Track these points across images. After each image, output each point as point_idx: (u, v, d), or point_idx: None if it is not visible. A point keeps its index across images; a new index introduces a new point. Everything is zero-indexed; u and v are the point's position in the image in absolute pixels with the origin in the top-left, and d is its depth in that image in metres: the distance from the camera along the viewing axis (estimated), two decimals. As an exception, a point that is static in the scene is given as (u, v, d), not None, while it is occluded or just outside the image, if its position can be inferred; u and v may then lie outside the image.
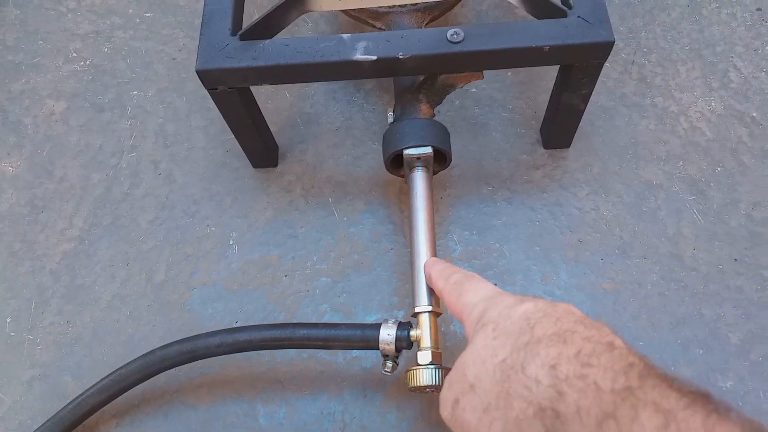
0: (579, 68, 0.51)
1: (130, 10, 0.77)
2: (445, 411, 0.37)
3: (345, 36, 0.49)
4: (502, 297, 0.37)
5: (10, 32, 0.76)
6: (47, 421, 0.52)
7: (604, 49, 0.48)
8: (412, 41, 0.48)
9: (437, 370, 0.45)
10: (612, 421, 0.26)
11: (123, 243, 0.62)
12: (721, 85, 0.67)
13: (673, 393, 0.25)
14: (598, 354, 0.29)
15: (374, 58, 0.48)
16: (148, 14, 0.76)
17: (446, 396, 0.37)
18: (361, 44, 0.49)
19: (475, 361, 0.34)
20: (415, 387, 0.46)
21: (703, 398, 0.25)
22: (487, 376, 0.33)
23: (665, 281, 0.57)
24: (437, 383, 0.45)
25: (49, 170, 0.67)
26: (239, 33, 0.51)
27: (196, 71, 0.50)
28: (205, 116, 0.69)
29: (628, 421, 0.25)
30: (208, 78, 0.50)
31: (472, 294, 0.40)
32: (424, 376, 0.45)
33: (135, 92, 0.71)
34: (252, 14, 0.53)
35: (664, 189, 0.61)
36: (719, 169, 0.62)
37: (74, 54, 0.74)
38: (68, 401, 0.52)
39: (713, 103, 0.66)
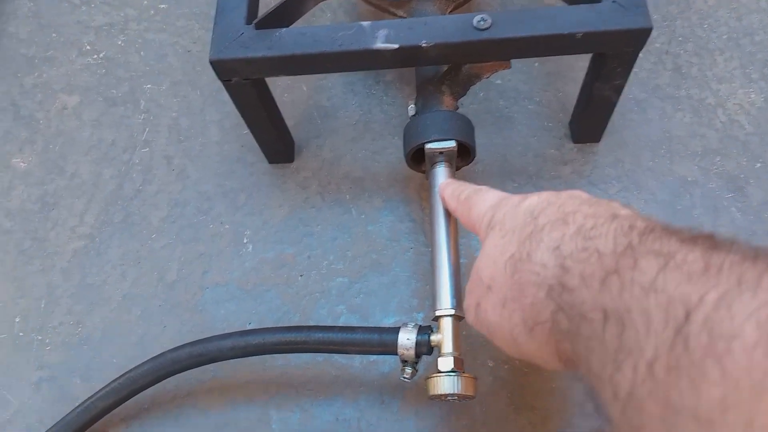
0: (613, 57, 0.48)
1: (145, 2, 0.75)
2: (470, 317, 0.38)
3: (365, 24, 0.47)
4: (509, 199, 0.38)
5: (24, 25, 0.75)
6: (55, 424, 0.50)
7: (641, 36, 0.45)
8: (435, 28, 0.46)
9: (459, 378, 0.43)
10: (614, 276, 0.26)
11: (134, 241, 0.61)
12: (761, 76, 0.63)
13: (673, 238, 0.25)
14: (599, 226, 0.29)
15: (396, 46, 0.46)
16: (162, 5, 0.74)
17: (468, 303, 0.38)
18: (382, 32, 0.46)
19: (488, 264, 0.35)
20: (435, 395, 0.43)
21: (704, 237, 0.25)
22: (499, 273, 0.34)
23: (703, 284, 0.54)
24: (459, 392, 0.43)
25: (61, 166, 0.65)
26: (254, 22, 0.48)
27: (210, 61, 0.47)
28: (219, 110, 0.67)
29: (628, 271, 0.25)
30: (222, 68, 0.48)
31: (480, 204, 0.40)
32: (446, 384, 0.42)
33: (149, 86, 0.69)
34: (269, 3, 0.50)
35: (700, 186, 0.58)
36: (759, 164, 0.59)
37: (88, 47, 0.73)
38: (77, 404, 0.50)
39: (753, 95, 0.62)
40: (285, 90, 0.67)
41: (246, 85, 0.50)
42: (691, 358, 0.21)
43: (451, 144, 0.49)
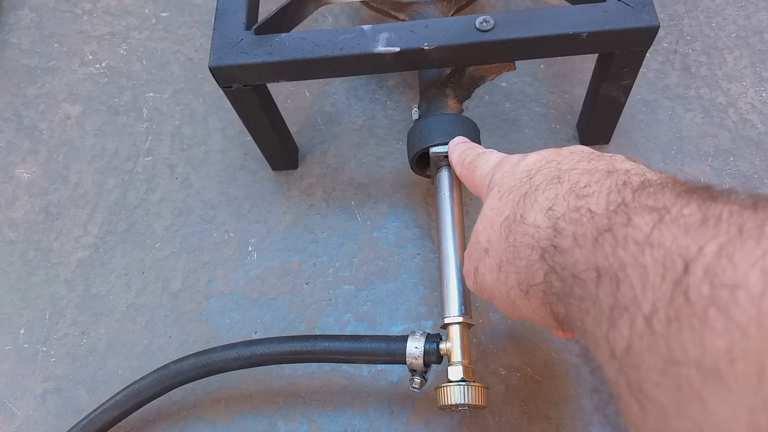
0: (620, 57, 0.47)
1: (146, 11, 0.75)
2: (469, 282, 0.39)
3: (366, 27, 0.46)
4: (509, 158, 0.37)
5: (26, 36, 0.75)
6: (59, 438, 0.50)
7: (648, 34, 0.44)
8: (437, 30, 0.45)
9: (469, 387, 0.42)
10: (607, 234, 0.25)
11: (138, 251, 0.60)
12: (773, 74, 0.62)
13: (669, 192, 0.24)
14: (593, 183, 0.28)
15: (397, 49, 0.45)
16: (164, 14, 0.74)
17: (468, 269, 0.38)
18: (383, 35, 0.46)
19: (485, 226, 0.35)
20: (445, 405, 0.42)
21: (701, 189, 0.24)
22: (495, 236, 0.33)
23: (717, 287, 0.52)
24: (469, 401, 0.41)
25: (64, 176, 0.65)
26: (254, 27, 0.48)
27: (209, 68, 0.47)
28: (222, 117, 0.66)
29: (622, 228, 0.24)
30: (222, 75, 0.48)
31: (483, 166, 0.40)
32: (455, 394, 0.41)
33: (151, 94, 0.69)
34: (270, 8, 0.50)
35: (713, 187, 0.57)
36: (773, 164, 0.57)
37: (90, 56, 0.72)
38: (82, 416, 0.49)
39: (764, 94, 0.61)
40: (288, 96, 0.66)
41: (247, 91, 0.49)
42: (693, 309, 0.20)
43: (457, 148, 0.48)
